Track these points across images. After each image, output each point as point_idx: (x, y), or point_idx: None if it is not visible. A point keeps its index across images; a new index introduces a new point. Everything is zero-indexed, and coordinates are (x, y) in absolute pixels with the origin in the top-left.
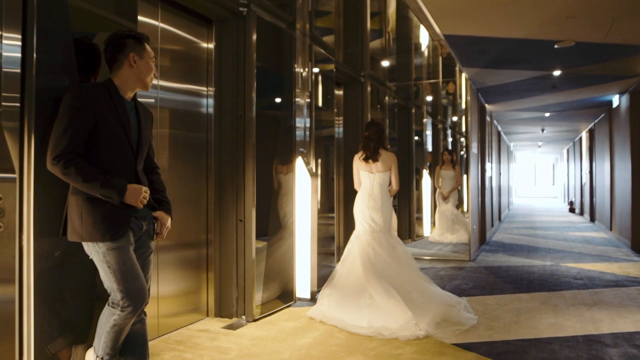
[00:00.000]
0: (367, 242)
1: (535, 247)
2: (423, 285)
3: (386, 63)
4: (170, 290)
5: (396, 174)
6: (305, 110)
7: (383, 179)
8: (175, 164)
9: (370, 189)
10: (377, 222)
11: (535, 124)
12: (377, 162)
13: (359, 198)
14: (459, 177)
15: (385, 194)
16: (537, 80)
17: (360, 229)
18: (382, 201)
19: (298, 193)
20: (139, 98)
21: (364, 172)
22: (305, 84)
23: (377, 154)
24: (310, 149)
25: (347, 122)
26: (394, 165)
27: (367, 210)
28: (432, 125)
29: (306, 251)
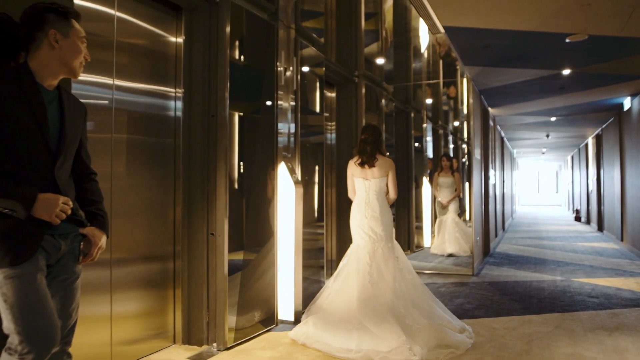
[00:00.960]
0: (368, 260)
1: (543, 259)
2: (425, 304)
3: (382, 61)
4: (128, 312)
5: (394, 181)
6: (289, 114)
7: (379, 186)
8: (135, 171)
9: (366, 197)
10: (377, 232)
11: (540, 129)
12: (373, 167)
13: (355, 207)
14: (459, 184)
15: (382, 201)
16: (544, 80)
17: (360, 241)
18: (380, 209)
19: (281, 203)
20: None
21: (358, 179)
22: (290, 84)
23: (373, 159)
24: (295, 155)
25: (340, 126)
26: (392, 172)
27: (366, 220)
28: (433, 130)
29: (289, 267)
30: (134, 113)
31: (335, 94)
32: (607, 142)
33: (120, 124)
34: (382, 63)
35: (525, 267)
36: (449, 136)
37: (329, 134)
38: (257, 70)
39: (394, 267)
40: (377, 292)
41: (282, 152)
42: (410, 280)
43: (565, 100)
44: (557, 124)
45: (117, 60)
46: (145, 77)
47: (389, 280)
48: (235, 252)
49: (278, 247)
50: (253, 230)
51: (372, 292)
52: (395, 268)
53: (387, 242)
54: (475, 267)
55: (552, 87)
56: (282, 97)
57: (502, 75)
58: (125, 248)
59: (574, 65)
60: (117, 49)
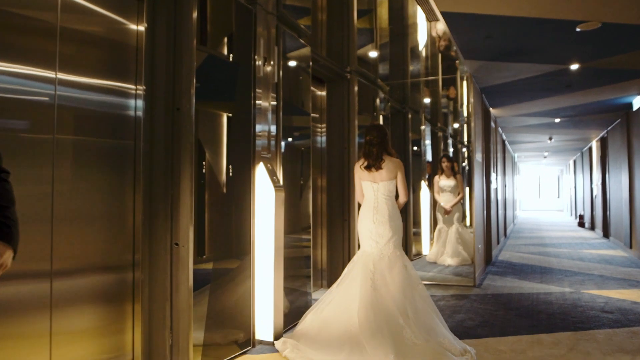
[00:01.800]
0: (371, 267)
1: (549, 268)
2: (429, 318)
3: (375, 54)
4: (74, 330)
5: (403, 182)
6: (269, 112)
7: (388, 189)
8: (83, 175)
9: (374, 201)
10: (385, 238)
11: (544, 131)
12: (380, 170)
13: (363, 212)
14: (461, 187)
15: (392, 205)
16: (550, 77)
17: (367, 247)
18: (389, 214)
19: (259, 209)
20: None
21: (366, 183)
22: (270, 78)
23: (380, 160)
24: (276, 158)
25: (332, 127)
26: (401, 173)
27: (373, 226)
28: (431, 133)
29: (269, 281)
30: (83, 111)
31: (326, 92)
32: (613, 144)
33: (64, 123)
34: (377, 58)
35: (531, 277)
36: (448, 139)
37: (319, 137)
38: (231, 62)
39: (400, 276)
40: (378, 298)
41: (262, 154)
42: (418, 291)
43: (571, 100)
44: (561, 126)
45: (62, 50)
46: (98, 71)
47: (392, 289)
48: (204, 263)
49: (256, 257)
50: (226, 238)
51: (373, 299)
52: (401, 277)
53: (395, 250)
54: (477, 278)
55: (558, 85)
56: (261, 93)
57: (505, 71)
58: (70, 257)
59: (583, 59)
60: (62, 37)
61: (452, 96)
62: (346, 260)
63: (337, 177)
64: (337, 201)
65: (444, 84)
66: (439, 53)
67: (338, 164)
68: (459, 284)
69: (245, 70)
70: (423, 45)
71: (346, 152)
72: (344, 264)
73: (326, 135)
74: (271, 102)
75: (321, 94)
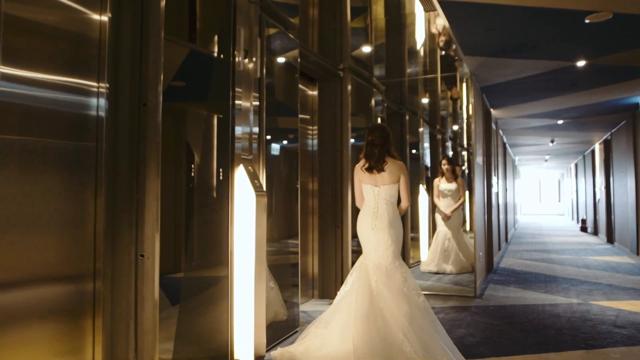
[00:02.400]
0: (369, 278)
1: (553, 276)
2: (428, 332)
3: (369, 49)
4: (23, 348)
5: (406, 186)
6: (251, 115)
7: (390, 193)
8: (31, 179)
9: (374, 205)
10: (384, 246)
11: (545, 134)
12: (382, 172)
13: (362, 218)
14: (463, 191)
15: (393, 211)
16: (555, 75)
17: (367, 253)
18: (389, 220)
19: (239, 216)
20: None
21: (367, 186)
22: (252, 74)
23: (382, 162)
24: (259, 160)
25: (323, 128)
26: (404, 176)
27: (372, 232)
28: (430, 135)
29: (248, 295)
30: (33, 110)
31: (318, 90)
32: (617, 147)
33: (7, 122)
34: (372, 55)
35: (535, 286)
36: (447, 142)
37: (310, 139)
38: (207, 56)
39: (399, 288)
40: (376, 311)
41: (242, 156)
42: (418, 304)
43: (576, 100)
44: (563, 128)
45: (6, 41)
46: (52, 65)
47: (390, 302)
48: (175, 274)
49: (235, 269)
50: (202, 248)
51: (370, 312)
52: (400, 289)
53: (394, 259)
54: (478, 287)
55: (563, 84)
56: (241, 91)
57: (507, 68)
58: (16, 268)
59: (591, 54)
60: (6, 25)
61: (455, 96)
62: (339, 269)
63: (329, 181)
64: (329, 206)
65: (443, 82)
66: (437, 50)
67: (330, 168)
68: (459, 294)
69: (224, 65)
70: (421, 43)
71: (339, 154)
72: (336, 272)
73: (318, 136)
74: (253, 102)
75: (312, 93)
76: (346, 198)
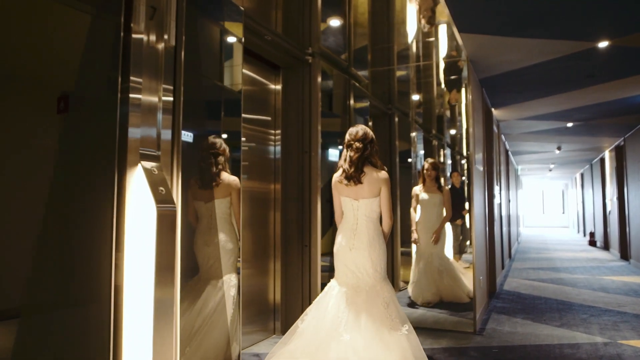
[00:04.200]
0: (343, 307)
1: (567, 302)
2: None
3: (345, 32)
4: None
5: (388, 200)
6: (159, 113)
7: (370, 208)
8: None
9: (353, 222)
10: (364, 269)
11: (552, 139)
12: (360, 184)
13: (340, 235)
14: (448, 205)
15: (375, 229)
16: (569, 61)
17: (342, 277)
18: (370, 239)
19: (134, 235)
20: None
21: (345, 199)
22: (159, 57)
23: (360, 172)
24: (174, 164)
25: (288, 126)
26: (385, 188)
27: (350, 254)
28: (424, 141)
29: (144, 347)
30: None
31: (282, 83)
32: (632, 153)
33: None
34: (350, 39)
35: (547, 317)
36: (445, 149)
37: (272, 145)
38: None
39: (381, 319)
40: (347, 349)
41: (140, 149)
42: (400, 342)
43: (590, 96)
44: (572, 132)
45: None
46: None
47: (368, 338)
48: None
49: (124, 307)
50: (62, 278)
51: (341, 348)
52: (379, 319)
53: (376, 283)
54: (478, 321)
55: (578, 74)
56: (140, 80)
57: (512, 51)
58: None
59: (616, 32)
60: None
61: (453, 102)
62: (306, 297)
63: (294, 191)
64: (294, 222)
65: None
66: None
67: (296, 174)
68: (455, 328)
69: (107, 34)
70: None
71: (307, 157)
72: (303, 301)
73: (281, 136)
74: (162, 95)
75: (275, 87)
76: (315, 211)
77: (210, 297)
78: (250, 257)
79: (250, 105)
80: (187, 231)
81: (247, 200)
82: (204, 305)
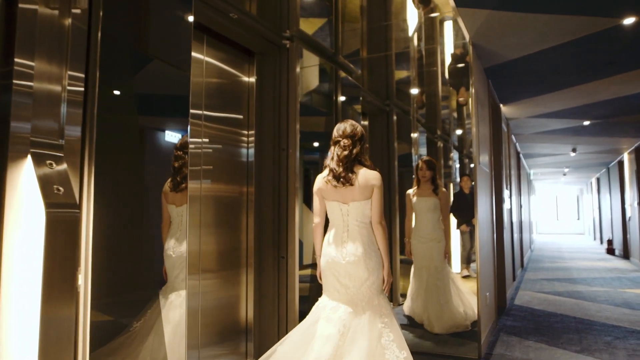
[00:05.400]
0: (339, 326)
1: (587, 320)
2: None
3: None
4: None
5: (379, 203)
6: (63, 106)
7: (362, 212)
8: None
9: (342, 229)
10: (359, 281)
11: (567, 140)
12: (350, 185)
13: (328, 244)
14: (445, 210)
15: (367, 234)
16: (589, 43)
17: (333, 293)
18: (365, 248)
19: (13, 244)
20: None
21: (332, 204)
22: (62, 32)
23: (350, 172)
24: (86, 160)
25: (262, 119)
26: (377, 189)
27: (342, 265)
28: (427, 142)
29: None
30: None
31: (256, 73)
32: None
33: None
34: (336, 22)
35: (564, 339)
36: (451, 151)
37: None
38: None
39: (377, 339)
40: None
41: (32, 137)
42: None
43: (610, 89)
44: (589, 132)
45: None
46: None
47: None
48: None
49: None
50: None
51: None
52: (378, 340)
53: (372, 297)
54: (484, 344)
55: (597, 61)
56: (33, 64)
57: (522, 32)
58: None
59: None
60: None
61: (463, 103)
62: (282, 316)
63: (269, 194)
64: (269, 230)
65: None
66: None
67: (271, 175)
68: (457, 354)
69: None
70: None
71: (284, 155)
72: (279, 319)
73: (255, 132)
74: (67, 83)
75: (249, 80)
76: (292, 216)
77: (168, 315)
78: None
79: (217, 101)
80: (103, 239)
81: (212, 205)
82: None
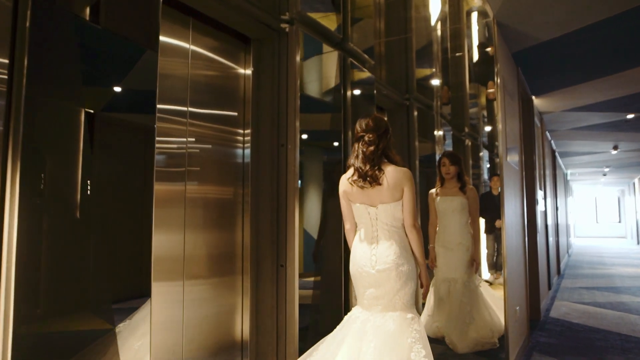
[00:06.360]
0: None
1: (635, 339)
2: None
3: None
4: None
5: (411, 202)
6: None
7: (393, 215)
8: None
9: (372, 235)
10: (392, 292)
11: (607, 136)
12: (378, 185)
13: (356, 252)
14: (474, 209)
15: (400, 240)
16: (632, 20)
17: (366, 303)
18: (397, 254)
19: None
20: None
21: (359, 206)
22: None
23: (378, 170)
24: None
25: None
26: (408, 188)
27: (372, 274)
28: (454, 140)
29: None
30: None
31: (252, 61)
32: None
33: None
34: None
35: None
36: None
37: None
38: None
39: (407, 353)
40: None
41: None
42: None
43: None
44: (632, 127)
45: None
46: None
47: None
48: None
49: None
50: None
51: None
52: (408, 355)
53: (404, 310)
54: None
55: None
56: None
57: (552, 5)
58: None
59: None
60: None
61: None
62: (282, 327)
63: (267, 197)
64: (267, 236)
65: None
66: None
67: (269, 174)
68: None
69: None
70: None
71: (283, 151)
72: (278, 332)
73: (251, 125)
74: None
75: (245, 72)
76: (292, 219)
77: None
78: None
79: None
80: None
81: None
82: None
